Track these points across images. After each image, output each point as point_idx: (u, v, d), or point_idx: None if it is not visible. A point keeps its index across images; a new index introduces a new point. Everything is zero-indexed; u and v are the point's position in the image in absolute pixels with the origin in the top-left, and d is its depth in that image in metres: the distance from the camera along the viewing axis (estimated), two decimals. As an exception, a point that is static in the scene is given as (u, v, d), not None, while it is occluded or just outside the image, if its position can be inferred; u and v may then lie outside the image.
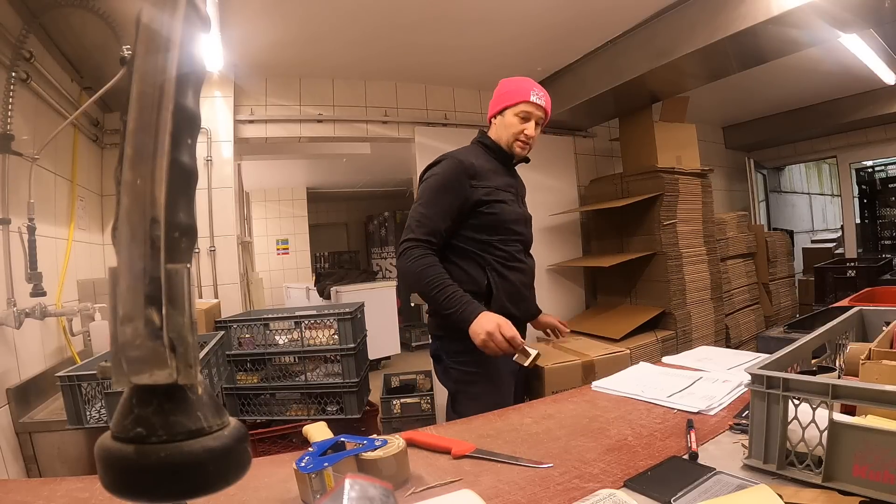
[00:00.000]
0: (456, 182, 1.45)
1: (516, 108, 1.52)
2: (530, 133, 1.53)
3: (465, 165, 1.46)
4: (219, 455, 0.29)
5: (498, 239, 1.50)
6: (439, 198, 1.44)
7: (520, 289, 1.54)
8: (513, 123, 1.53)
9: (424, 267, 1.38)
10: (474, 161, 1.49)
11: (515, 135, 1.53)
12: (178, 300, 0.28)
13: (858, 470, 0.61)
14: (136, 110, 0.28)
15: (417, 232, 1.42)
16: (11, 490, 0.77)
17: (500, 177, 1.54)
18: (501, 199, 1.49)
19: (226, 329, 2.43)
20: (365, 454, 0.71)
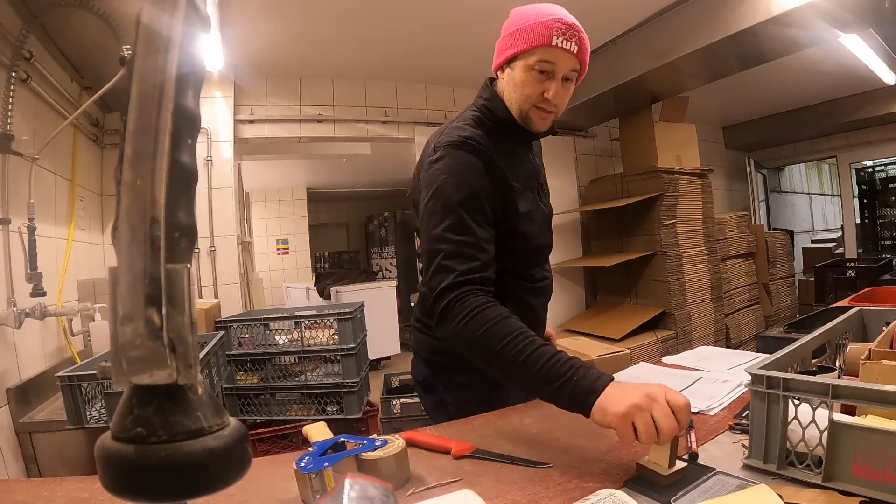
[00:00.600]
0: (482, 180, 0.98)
1: (530, 58, 0.96)
2: (555, 95, 0.98)
3: (483, 151, 0.98)
4: (219, 455, 0.29)
5: (521, 264, 1.10)
6: (468, 211, 0.95)
7: (538, 312, 1.18)
8: (526, 82, 0.98)
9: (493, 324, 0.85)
10: (493, 146, 1.01)
11: (531, 98, 0.99)
12: (178, 300, 0.28)
13: (858, 470, 0.61)
14: (136, 110, 0.28)
15: (461, 269, 0.91)
16: (11, 490, 0.77)
17: (520, 165, 1.07)
18: (527, 210, 1.06)
19: (226, 329, 2.43)
20: (365, 454, 0.70)
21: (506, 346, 0.82)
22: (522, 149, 1.11)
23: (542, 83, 0.98)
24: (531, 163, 1.13)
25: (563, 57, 0.96)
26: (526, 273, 1.12)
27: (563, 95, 1.01)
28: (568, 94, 1.02)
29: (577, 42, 0.96)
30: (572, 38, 0.96)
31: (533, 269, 1.14)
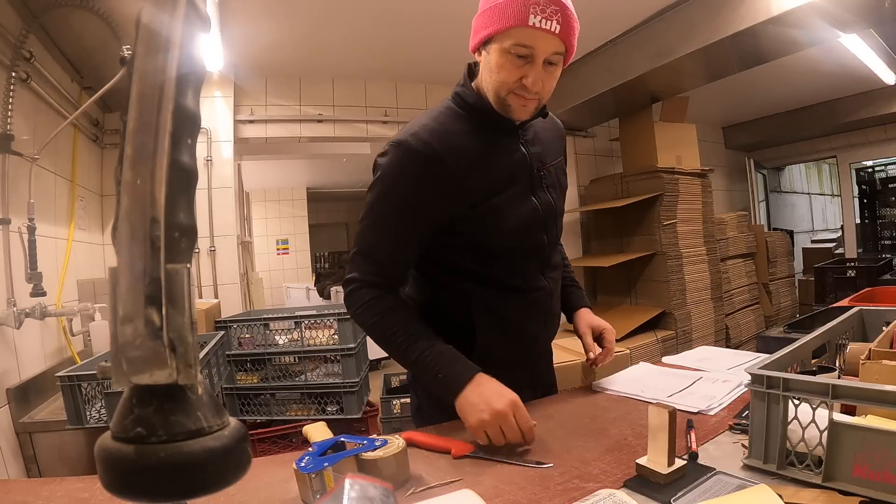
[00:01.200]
0: (413, 191, 0.92)
1: (505, 40, 0.85)
2: (534, 83, 0.87)
3: (425, 158, 0.90)
4: (219, 455, 0.29)
5: (497, 260, 1.00)
6: (389, 219, 0.94)
7: (525, 326, 1.04)
8: (502, 66, 0.87)
9: (379, 318, 0.93)
10: (445, 143, 0.92)
11: (507, 85, 0.89)
12: (178, 300, 0.28)
13: (858, 470, 0.61)
14: (136, 110, 0.28)
15: (363, 269, 0.95)
16: (11, 490, 0.77)
17: (496, 158, 0.96)
18: (494, 204, 0.95)
19: (226, 329, 2.43)
20: (365, 454, 0.70)
21: (390, 339, 0.93)
22: (507, 139, 0.98)
23: (519, 68, 0.87)
24: (520, 153, 0.99)
25: (542, 38, 0.84)
26: (505, 281, 1.01)
27: (546, 81, 0.89)
28: (553, 79, 0.91)
29: (560, 20, 0.83)
30: (553, 15, 0.82)
31: (518, 277, 1.02)
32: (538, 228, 1.02)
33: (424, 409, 1.10)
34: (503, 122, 0.97)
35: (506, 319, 1.02)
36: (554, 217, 1.06)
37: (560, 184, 1.09)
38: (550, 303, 1.08)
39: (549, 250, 1.06)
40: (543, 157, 1.04)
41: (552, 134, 1.10)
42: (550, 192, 1.04)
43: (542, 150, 1.04)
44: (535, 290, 1.04)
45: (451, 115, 0.97)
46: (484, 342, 1.01)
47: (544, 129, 1.08)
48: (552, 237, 1.06)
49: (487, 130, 0.96)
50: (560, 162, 1.10)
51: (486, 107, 0.95)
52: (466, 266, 1.00)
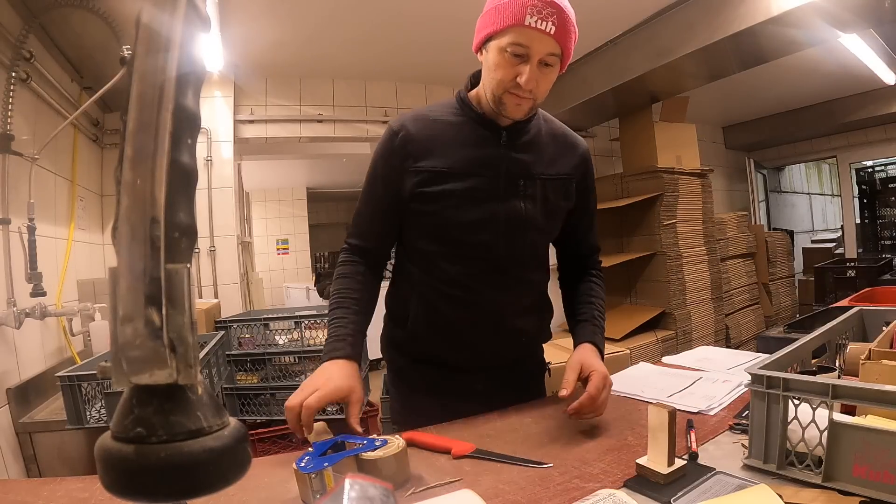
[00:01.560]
0: (385, 165, 1.00)
1: (503, 39, 0.88)
2: (528, 81, 0.89)
3: (398, 136, 0.98)
4: (219, 455, 0.29)
5: (443, 252, 1.01)
6: (370, 188, 1.04)
7: (460, 329, 1.04)
8: (499, 65, 0.90)
9: (335, 279, 1.04)
10: (423, 127, 0.99)
11: (503, 83, 0.91)
12: (178, 300, 0.28)
13: (858, 470, 0.61)
14: (136, 110, 0.28)
15: (350, 232, 1.08)
16: (11, 490, 0.77)
17: (464, 149, 0.98)
18: (448, 190, 0.97)
19: (226, 329, 2.43)
20: (365, 454, 0.70)
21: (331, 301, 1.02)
22: (487, 136, 0.99)
23: (514, 67, 0.89)
24: (495, 152, 0.99)
25: (537, 39, 0.87)
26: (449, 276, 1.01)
27: (541, 82, 0.91)
28: (548, 80, 0.92)
29: (556, 22, 0.86)
30: (549, 17, 0.85)
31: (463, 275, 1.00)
32: (494, 232, 0.99)
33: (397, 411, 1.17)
34: (486, 119, 1.00)
35: (442, 315, 1.03)
36: (523, 228, 1.00)
37: (550, 199, 1.03)
38: (503, 317, 1.04)
39: (511, 260, 1.01)
40: (533, 167, 1.01)
41: (559, 150, 1.06)
42: (526, 203, 1.00)
43: (533, 158, 1.01)
44: (479, 295, 1.02)
45: (445, 107, 1.04)
46: (413, 331, 1.06)
47: (552, 141, 1.05)
48: (517, 248, 1.01)
49: (471, 125, 1.01)
50: (559, 179, 1.04)
51: (476, 105, 1.01)
52: (423, 249, 1.03)
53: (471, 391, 1.07)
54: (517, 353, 1.12)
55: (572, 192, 1.07)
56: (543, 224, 1.04)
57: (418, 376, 1.10)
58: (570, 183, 1.06)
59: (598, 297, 1.13)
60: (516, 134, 1.01)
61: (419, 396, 1.10)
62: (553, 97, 3.64)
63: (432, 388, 1.08)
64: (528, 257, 1.05)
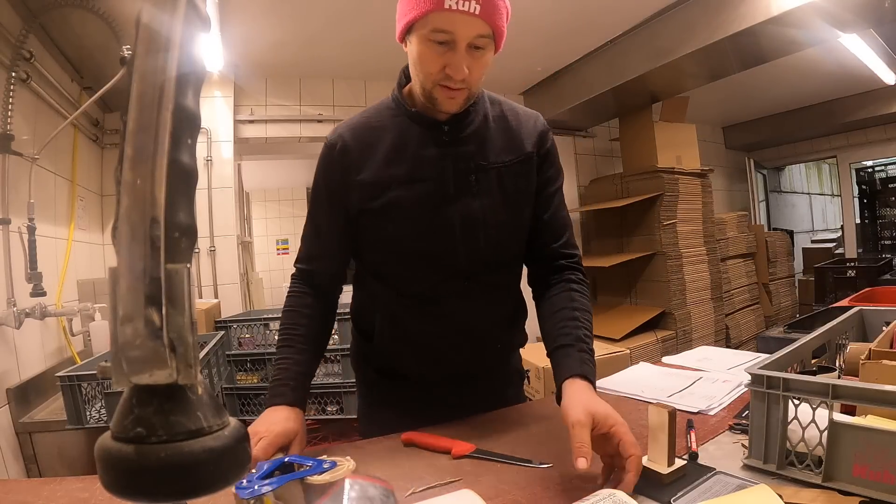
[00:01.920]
0: (327, 182, 0.94)
1: (423, 27, 0.80)
2: (456, 69, 0.80)
3: (335, 150, 0.91)
4: (219, 455, 0.29)
5: (401, 266, 0.95)
6: (314, 208, 0.97)
7: (429, 342, 0.98)
8: (423, 56, 0.82)
9: (283, 313, 0.97)
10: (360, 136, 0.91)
11: (431, 76, 0.83)
12: (178, 300, 0.28)
13: (858, 470, 0.61)
14: (136, 110, 0.28)
15: (298, 259, 1.01)
16: (11, 490, 0.77)
17: (406, 154, 0.90)
18: (394, 200, 0.89)
19: (226, 329, 2.43)
20: (310, 478, 0.66)
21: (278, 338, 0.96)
22: (426, 135, 0.90)
23: (441, 56, 0.80)
24: (436, 151, 0.90)
25: (461, 22, 0.78)
26: (409, 287, 0.95)
27: (472, 68, 0.82)
28: (480, 65, 0.83)
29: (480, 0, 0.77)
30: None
31: (423, 285, 0.94)
32: (450, 239, 0.91)
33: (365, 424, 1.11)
34: (423, 117, 0.91)
35: (407, 329, 0.97)
36: (481, 227, 0.92)
37: (508, 188, 0.93)
38: (473, 326, 0.97)
39: (473, 265, 0.93)
40: (484, 157, 0.92)
41: (509, 131, 0.95)
42: (482, 199, 0.91)
43: (480, 149, 0.92)
44: (442, 303, 0.95)
45: (381, 109, 0.95)
46: (380, 346, 1.00)
47: (498, 125, 0.95)
48: (476, 250, 0.92)
49: (408, 125, 0.92)
50: (516, 163, 0.94)
51: (407, 101, 0.93)
52: (377, 266, 0.98)
53: (443, 405, 0.99)
54: (491, 362, 1.05)
55: (534, 171, 0.96)
56: (507, 218, 0.94)
57: (388, 390, 1.05)
58: (530, 163, 0.95)
59: (580, 308, 0.91)
60: (459, 126, 0.91)
61: (389, 411, 1.04)
62: (553, 97, 3.65)
63: (403, 402, 1.02)
64: (493, 259, 0.95)
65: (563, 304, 0.92)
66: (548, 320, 0.93)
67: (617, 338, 3.20)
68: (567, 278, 0.96)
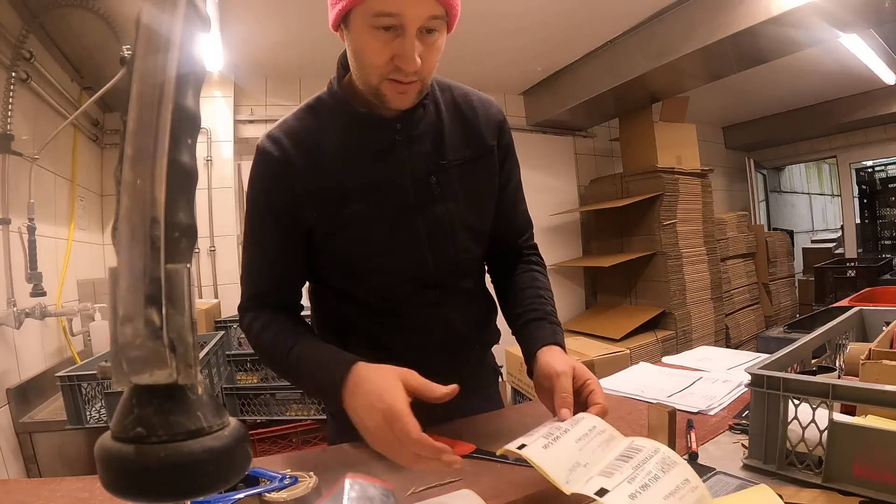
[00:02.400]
0: (269, 197, 0.81)
1: (367, 10, 0.67)
2: (406, 59, 0.69)
3: (277, 160, 0.79)
4: (219, 455, 0.29)
5: (366, 284, 0.87)
6: (258, 230, 0.84)
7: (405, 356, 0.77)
8: (366, 46, 0.70)
9: (256, 342, 0.82)
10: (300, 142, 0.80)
11: (378, 69, 0.71)
12: (178, 300, 0.28)
13: (858, 470, 0.61)
14: (136, 110, 0.28)
15: (245, 294, 0.86)
16: (11, 490, 0.77)
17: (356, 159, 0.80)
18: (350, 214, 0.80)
19: (226, 329, 2.43)
20: (269, 495, 0.63)
21: (272, 361, 0.81)
22: (378, 137, 0.80)
23: (388, 45, 0.68)
24: (393, 154, 0.81)
25: (409, 4, 0.66)
26: (378, 304, 0.87)
27: (425, 56, 0.70)
28: (434, 51, 0.72)
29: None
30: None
31: (393, 300, 0.87)
32: (417, 249, 0.83)
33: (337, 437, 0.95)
34: (370, 116, 0.79)
35: (382, 347, 0.86)
36: (448, 234, 0.84)
37: (471, 187, 0.86)
38: (454, 331, 0.90)
39: (444, 274, 0.86)
40: (443, 155, 0.83)
41: (466, 122, 0.86)
42: (446, 203, 0.83)
43: (436, 146, 0.83)
44: (416, 318, 0.88)
45: (318, 108, 0.83)
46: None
47: (452, 115, 0.86)
48: (445, 258, 0.85)
49: (353, 125, 0.80)
50: (477, 159, 0.86)
51: (353, 98, 0.80)
52: (338, 284, 0.88)
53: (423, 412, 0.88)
54: (468, 366, 0.98)
55: (496, 165, 0.89)
56: (474, 220, 0.88)
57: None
58: (492, 156, 0.89)
59: (544, 288, 0.93)
60: (411, 121, 0.81)
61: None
62: (553, 97, 3.65)
63: None
64: (464, 264, 0.89)
65: (527, 283, 0.92)
66: (513, 298, 0.92)
67: (617, 338, 3.20)
68: (527, 260, 0.97)
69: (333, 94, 0.82)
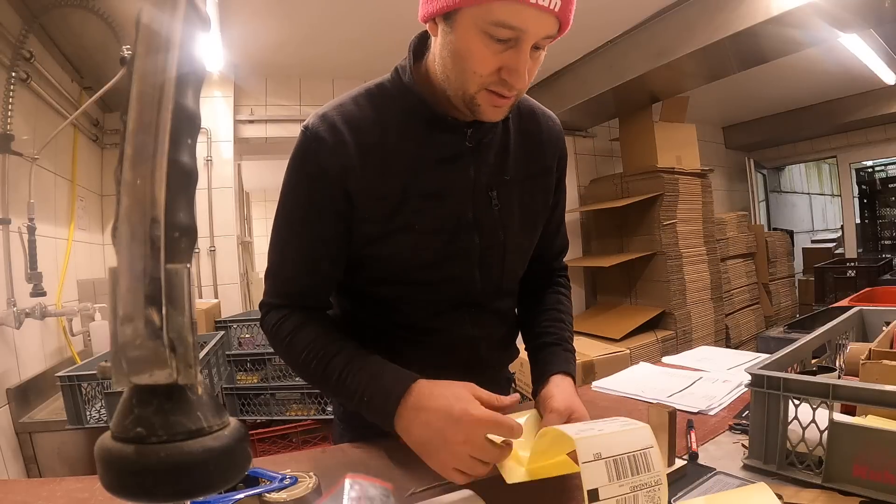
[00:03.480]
0: (314, 187, 0.74)
1: (486, 15, 0.60)
2: (517, 75, 0.64)
3: (328, 146, 0.72)
4: (219, 455, 0.29)
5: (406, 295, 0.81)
6: (296, 221, 0.77)
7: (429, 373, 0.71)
8: (473, 52, 0.63)
9: (286, 343, 0.76)
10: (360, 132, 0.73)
11: (481, 78, 0.65)
12: (178, 300, 0.28)
13: (858, 470, 0.61)
14: (136, 110, 0.28)
15: (273, 288, 0.80)
16: (11, 490, 0.77)
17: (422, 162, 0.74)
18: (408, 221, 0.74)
19: (226, 329, 2.43)
20: (268, 495, 0.63)
21: (303, 364, 0.74)
22: (448, 140, 0.75)
23: (498, 55, 0.63)
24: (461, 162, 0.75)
25: (535, 19, 0.60)
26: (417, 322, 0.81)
27: (531, 70, 0.66)
28: (537, 66, 0.67)
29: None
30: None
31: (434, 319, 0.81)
32: (468, 265, 0.79)
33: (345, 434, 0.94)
34: (444, 118, 0.73)
35: (405, 362, 0.75)
36: (500, 253, 0.80)
37: (527, 208, 0.82)
38: (478, 353, 0.86)
39: (486, 293, 0.83)
40: (507, 170, 0.79)
41: (530, 138, 0.83)
42: (503, 220, 0.79)
43: (500, 160, 0.79)
44: (449, 335, 0.83)
45: (380, 97, 0.75)
46: None
47: (518, 129, 0.82)
48: (493, 277, 0.82)
49: (422, 125, 0.74)
50: (537, 178, 0.83)
51: (426, 94, 0.73)
52: (367, 289, 0.82)
53: None
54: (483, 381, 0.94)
55: (552, 186, 0.86)
56: (525, 242, 0.85)
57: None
58: (550, 177, 0.86)
59: (567, 312, 0.92)
60: (483, 129, 0.76)
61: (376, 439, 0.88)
62: (553, 97, 3.65)
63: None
64: (506, 285, 0.86)
65: (551, 304, 0.92)
66: (534, 317, 0.91)
67: (617, 338, 3.20)
68: (557, 282, 0.96)
69: (401, 87, 0.74)
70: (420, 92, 0.73)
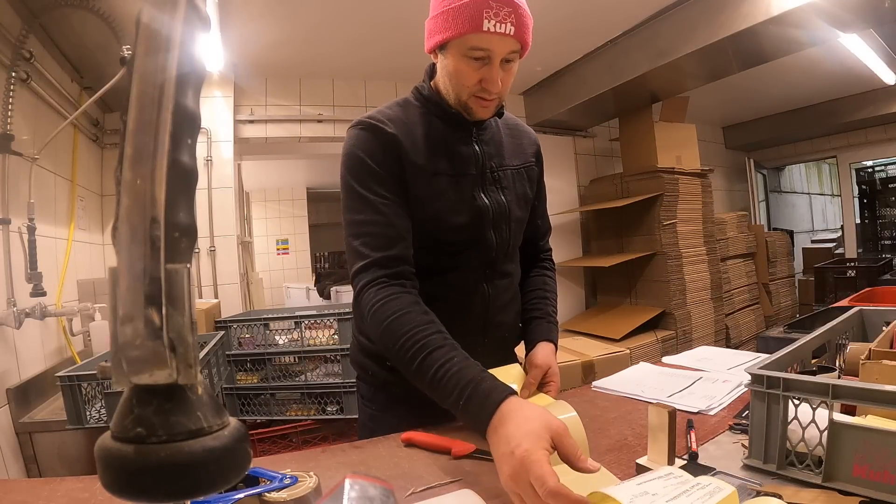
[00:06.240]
0: (379, 161, 0.92)
1: (462, 45, 0.87)
2: (492, 83, 0.88)
3: (382, 131, 0.93)
4: (219, 455, 0.29)
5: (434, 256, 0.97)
6: (369, 189, 0.92)
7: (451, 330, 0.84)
8: (459, 71, 0.89)
9: (386, 326, 0.84)
10: (400, 126, 0.94)
11: (467, 88, 0.91)
12: (178, 300, 0.28)
13: (858, 470, 0.61)
14: (136, 110, 0.28)
15: (361, 259, 0.90)
16: (11, 490, 0.77)
17: (446, 148, 0.97)
18: (442, 190, 0.95)
19: (226, 329, 2.43)
20: (268, 495, 0.63)
21: (400, 350, 0.81)
22: (460, 133, 0.99)
23: (477, 70, 0.89)
24: (472, 148, 0.99)
25: (497, 42, 0.85)
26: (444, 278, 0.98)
27: (504, 80, 0.91)
28: (510, 76, 0.92)
29: (514, 21, 0.85)
30: (506, 18, 0.84)
31: (458, 276, 0.99)
32: (485, 226, 0.99)
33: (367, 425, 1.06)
34: (456, 117, 0.98)
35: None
36: (506, 219, 1.02)
37: (518, 189, 1.05)
38: (490, 313, 1.03)
39: (498, 253, 1.02)
40: (502, 160, 1.04)
41: (515, 140, 1.09)
42: (504, 194, 1.02)
43: (497, 151, 1.04)
44: (467, 294, 1.00)
45: (407, 106, 1.00)
46: None
47: (507, 132, 1.08)
48: (502, 240, 1.02)
49: (441, 123, 0.99)
50: (522, 169, 1.07)
51: (442, 101, 0.98)
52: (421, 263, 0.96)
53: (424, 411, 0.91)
54: (501, 352, 1.08)
55: (535, 179, 1.11)
56: (520, 214, 1.06)
57: (399, 390, 0.97)
58: (533, 170, 1.10)
59: (552, 291, 1.15)
60: (483, 128, 1.03)
61: (392, 412, 1.02)
62: (553, 97, 3.65)
63: (412, 400, 0.91)
64: (511, 249, 1.07)
65: (538, 285, 1.15)
66: (523, 295, 1.14)
67: (617, 338, 3.20)
68: (542, 266, 1.19)
69: (423, 98, 1.00)
70: (438, 100, 0.98)
